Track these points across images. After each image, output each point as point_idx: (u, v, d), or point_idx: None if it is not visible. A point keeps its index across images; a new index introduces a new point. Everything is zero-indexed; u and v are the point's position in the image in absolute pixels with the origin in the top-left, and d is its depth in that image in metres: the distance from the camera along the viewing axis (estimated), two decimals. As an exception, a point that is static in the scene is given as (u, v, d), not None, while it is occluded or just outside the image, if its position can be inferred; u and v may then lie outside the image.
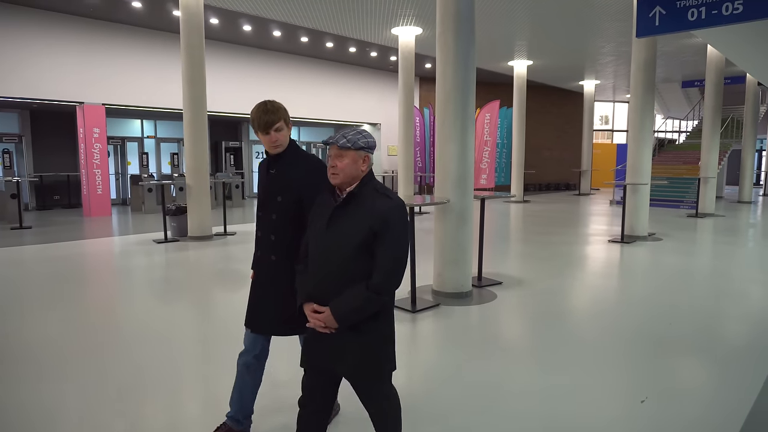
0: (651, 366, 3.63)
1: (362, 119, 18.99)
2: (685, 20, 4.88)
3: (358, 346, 1.96)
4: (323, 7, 11.11)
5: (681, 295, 5.55)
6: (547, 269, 6.79)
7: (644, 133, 9.09)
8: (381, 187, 1.99)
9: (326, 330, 1.93)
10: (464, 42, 5.05)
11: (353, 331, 1.94)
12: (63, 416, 2.91)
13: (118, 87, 12.74)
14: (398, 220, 1.93)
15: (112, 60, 12.58)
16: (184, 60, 8.84)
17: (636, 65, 9.03)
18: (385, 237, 1.89)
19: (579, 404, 3.03)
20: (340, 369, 2.01)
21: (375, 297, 1.89)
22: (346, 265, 1.91)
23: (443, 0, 5.04)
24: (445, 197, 5.07)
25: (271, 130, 2.38)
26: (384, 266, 1.89)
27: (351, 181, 1.97)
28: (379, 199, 1.93)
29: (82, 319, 4.72)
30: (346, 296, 1.90)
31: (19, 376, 3.44)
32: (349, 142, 1.92)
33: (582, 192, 21.09)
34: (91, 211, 12.75)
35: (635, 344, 4.06)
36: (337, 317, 1.90)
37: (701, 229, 10.85)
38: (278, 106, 2.41)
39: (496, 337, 4.37)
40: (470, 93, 5.13)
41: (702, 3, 4.69)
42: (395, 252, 1.91)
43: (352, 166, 1.93)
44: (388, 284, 1.91)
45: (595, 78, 20.32)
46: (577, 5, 11.08)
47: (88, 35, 12.17)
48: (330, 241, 1.95)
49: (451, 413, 2.92)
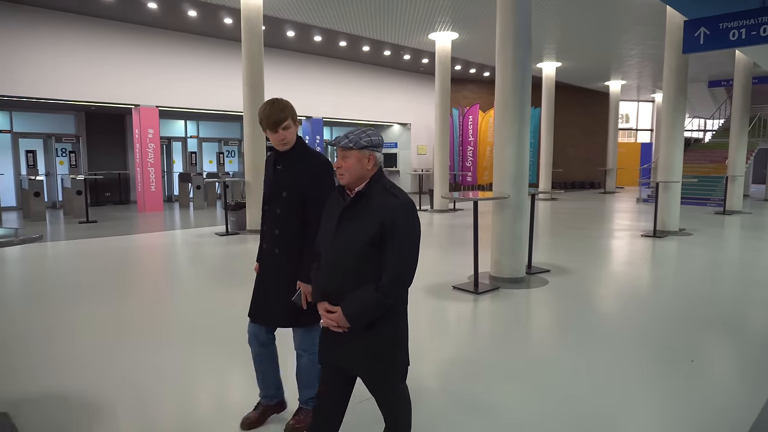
0: (690, 340, 4.22)
1: (393, 119, 19.63)
2: (726, 39, 5.47)
3: (367, 346, 1.97)
4: (368, 15, 11.78)
5: (713, 283, 6.10)
6: (589, 259, 7.37)
7: (676, 133, 9.59)
8: (390, 185, 1.99)
9: (339, 329, 1.96)
10: (522, 55, 5.66)
11: (364, 332, 1.95)
12: (185, 374, 3.61)
13: (171, 90, 13.56)
14: (405, 218, 1.91)
15: (166, 65, 13.40)
16: (245, 66, 9.58)
17: (668, 69, 9.53)
18: (393, 236, 1.88)
19: (623, 370, 3.65)
20: (351, 367, 2.04)
21: (384, 299, 1.90)
22: (357, 264, 1.93)
23: (503, 17, 5.66)
24: (505, 193, 5.70)
25: (279, 129, 2.43)
26: (391, 267, 1.89)
27: (359, 181, 1.97)
28: (387, 198, 1.93)
29: (188, 299, 5.46)
30: (357, 297, 1.91)
31: (144, 346, 4.16)
32: (351, 142, 1.93)
33: (607, 190, 21.47)
34: (145, 207, 13.61)
35: (672, 324, 4.65)
36: (349, 317, 1.92)
37: (729, 225, 11.28)
38: (286, 105, 2.46)
39: (555, 315, 4.99)
40: (526, 101, 5.75)
41: (743, 25, 5.26)
42: (402, 252, 1.90)
43: (356, 165, 1.95)
44: (396, 286, 1.91)
45: (621, 78, 20.69)
46: (605, 11, 11.58)
47: (144, 41, 13.01)
48: (340, 240, 1.97)
49: (524, 379, 3.56)
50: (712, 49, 5.81)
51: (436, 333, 4.44)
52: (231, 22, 12.35)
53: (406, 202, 1.93)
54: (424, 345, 4.00)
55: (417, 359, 3.51)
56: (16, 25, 11.14)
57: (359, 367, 2.02)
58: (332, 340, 2.03)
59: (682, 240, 9.07)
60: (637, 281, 6.31)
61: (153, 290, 5.88)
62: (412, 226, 1.93)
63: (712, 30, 5.49)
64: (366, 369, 2.01)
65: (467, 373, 3.49)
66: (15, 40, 11.15)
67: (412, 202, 1.95)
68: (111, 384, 3.24)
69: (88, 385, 3.22)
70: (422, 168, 20.35)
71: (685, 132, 26.96)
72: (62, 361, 3.65)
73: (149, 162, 13.54)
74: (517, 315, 4.92)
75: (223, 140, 18.17)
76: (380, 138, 1.99)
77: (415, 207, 1.97)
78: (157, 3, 11.17)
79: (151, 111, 13.40)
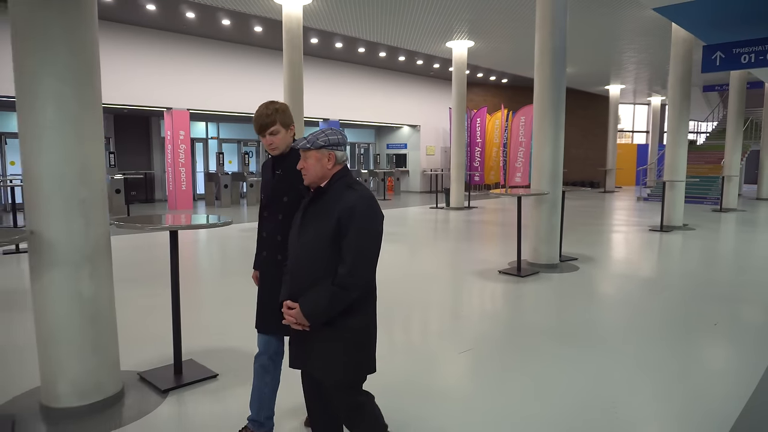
0: (709, 310, 5.11)
1: (403, 121, 20.47)
2: (738, 62, 6.44)
3: (324, 347, 1.94)
4: (391, 24, 12.61)
5: (720, 268, 7.01)
6: (608, 250, 8.26)
7: (680, 137, 10.53)
8: (353, 182, 1.99)
9: (299, 327, 1.93)
10: (558, 71, 6.53)
11: (324, 332, 1.92)
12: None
13: (201, 94, 14.31)
14: (363, 211, 1.89)
15: (197, 70, 14.15)
16: (286, 74, 10.37)
17: (674, 78, 10.46)
18: (350, 227, 1.86)
19: (649, 335, 4.53)
20: (310, 369, 2.00)
21: (340, 292, 1.85)
22: (318, 261, 1.90)
23: (542, 38, 6.51)
24: (544, 189, 6.56)
25: (266, 133, 2.41)
26: (349, 258, 1.85)
27: (320, 180, 1.98)
28: (347, 192, 1.93)
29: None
30: (314, 292, 1.88)
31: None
32: (308, 143, 1.94)
33: (607, 189, 22.46)
34: (176, 205, 14.33)
35: (691, 299, 5.54)
36: (305, 313, 1.88)
37: (727, 221, 12.25)
38: (276, 109, 2.42)
39: (593, 291, 5.84)
40: (561, 110, 6.61)
41: (752, 51, 6.25)
42: (360, 243, 1.87)
43: (316, 165, 1.95)
44: (353, 278, 1.86)
45: (620, 83, 21.69)
46: (610, 22, 12.49)
47: (179, 48, 13.75)
48: (303, 238, 1.96)
49: (583, 336, 4.42)
50: (726, 69, 6.78)
51: (501, 305, 5.27)
52: (261, 30, 13.13)
53: (364, 195, 1.92)
54: (496, 313, 4.84)
55: (494, 324, 4.36)
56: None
57: (315, 369, 1.97)
58: (297, 342, 2.01)
59: (687, 234, 9.99)
60: (655, 266, 7.20)
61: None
62: (370, 219, 1.90)
63: (727, 54, 6.46)
64: (320, 369, 1.96)
65: (539, 334, 4.34)
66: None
67: (372, 196, 1.96)
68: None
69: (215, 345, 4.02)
70: (431, 168, 21.24)
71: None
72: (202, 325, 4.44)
73: (180, 162, 14.27)
74: (561, 292, 5.77)
75: (242, 141, 18.91)
76: (340, 137, 1.99)
77: (376, 200, 1.96)
78: (194, 13, 11.91)
79: (183, 114, 14.13)
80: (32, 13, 2.63)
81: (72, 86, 2.73)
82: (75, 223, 2.79)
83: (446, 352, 3.95)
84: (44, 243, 2.75)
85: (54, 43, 2.67)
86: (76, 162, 2.78)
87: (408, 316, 4.91)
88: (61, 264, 2.77)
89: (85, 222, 2.82)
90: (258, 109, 2.42)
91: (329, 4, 10.84)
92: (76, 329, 2.84)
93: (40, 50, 2.65)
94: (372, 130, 21.92)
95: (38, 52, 2.65)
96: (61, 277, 2.78)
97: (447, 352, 3.95)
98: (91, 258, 2.86)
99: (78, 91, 2.76)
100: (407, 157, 21.32)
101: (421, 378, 3.46)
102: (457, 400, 3.14)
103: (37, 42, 2.64)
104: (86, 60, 2.79)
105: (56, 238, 2.75)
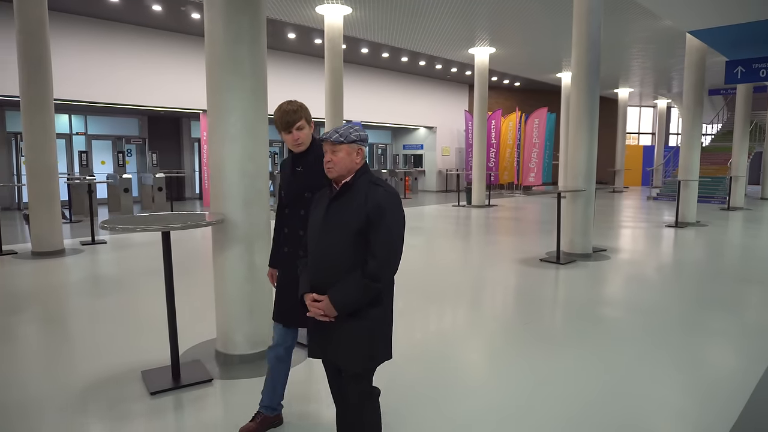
0: (729, 292, 5.89)
1: (420, 123, 21.24)
2: (757, 75, 7.30)
3: (347, 337, 2.01)
4: (418, 32, 13.40)
5: (734, 257, 7.79)
6: (632, 242, 9.04)
7: (693, 139, 11.31)
8: (376, 178, 2.06)
9: (326, 318, 1.99)
10: (593, 80, 7.30)
11: (346, 321, 1.99)
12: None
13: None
14: (393, 208, 1.98)
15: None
16: (328, 79, 11.16)
17: (687, 85, 11.23)
18: (380, 224, 1.94)
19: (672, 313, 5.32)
20: (332, 357, 2.07)
21: (371, 284, 1.94)
22: (344, 255, 1.97)
23: (578, 53, 7.29)
24: (581, 187, 7.34)
25: (293, 129, 2.47)
26: (378, 252, 1.94)
27: (347, 174, 2.04)
28: (373, 189, 2.00)
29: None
30: (344, 283, 1.95)
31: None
32: (341, 137, 2.00)
33: (616, 189, 23.25)
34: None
35: (712, 283, 6.32)
36: (336, 305, 1.95)
37: (735, 219, 13.03)
38: (299, 106, 2.49)
39: (628, 276, 6.61)
40: (595, 115, 7.39)
41: None
42: (389, 238, 1.96)
43: (346, 158, 2.01)
44: (384, 270, 1.96)
45: (629, 86, 22.49)
46: (623, 31, 13.26)
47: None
48: (327, 232, 2.02)
49: (626, 311, 5.21)
50: (746, 82, 7.59)
51: (551, 286, 6.05)
52: (294, 37, 13.90)
53: (392, 192, 2.01)
54: (547, 292, 5.61)
55: (548, 301, 5.13)
56: (103, 38, 12.62)
57: (338, 354, 2.05)
58: (319, 332, 2.08)
59: (700, 229, 10.77)
60: (677, 256, 7.98)
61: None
62: (398, 215, 2.00)
63: (747, 68, 7.27)
64: (342, 357, 2.04)
65: (584, 309, 5.12)
66: (113, 51, 12.63)
67: (397, 193, 2.04)
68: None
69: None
70: (446, 168, 22.03)
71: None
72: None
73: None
74: (600, 276, 6.54)
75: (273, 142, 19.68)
76: (366, 133, 2.08)
77: (400, 198, 2.07)
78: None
79: (218, 116, 14.88)
80: (228, 47, 3.41)
81: (251, 102, 3.50)
82: (251, 209, 3.57)
83: (513, 324, 4.73)
84: (230, 224, 3.52)
85: (242, 69, 3.45)
86: (252, 161, 3.56)
87: (476, 296, 5.69)
88: (240, 240, 3.55)
89: (258, 208, 3.60)
90: (281, 107, 2.49)
91: (365, 13, 11.61)
92: (248, 292, 3.61)
93: (232, 74, 3.43)
94: (389, 131, 22.69)
95: (231, 75, 3.43)
96: (239, 251, 3.55)
97: (513, 324, 4.73)
98: (260, 235, 3.63)
99: (254, 105, 3.53)
100: (423, 158, 22.10)
101: (496, 342, 4.24)
102: (530, 357, 3.92)
103: (231, 69, 3.42)
104: (261, 82, 3.56)
105: (238, 220, 3.53)
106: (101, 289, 5.76)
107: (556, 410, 3.01)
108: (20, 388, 3.29)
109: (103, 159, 16.09)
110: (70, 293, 5.67)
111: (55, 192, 7.72)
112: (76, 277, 6.41)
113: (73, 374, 3.47)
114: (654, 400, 3.15)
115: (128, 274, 6.50)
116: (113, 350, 3.91)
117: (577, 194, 7.43)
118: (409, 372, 3.54)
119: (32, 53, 7.27)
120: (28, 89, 7.35)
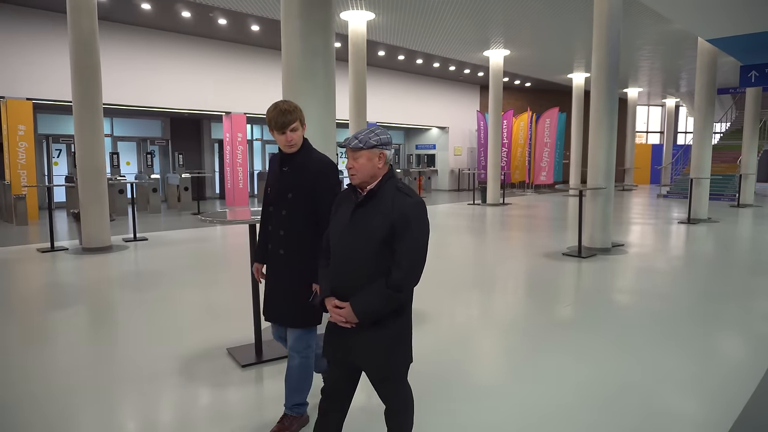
0: (740, 282, 6.30)
1: (432, 123, 21.65)
2: None
3: (371, 343, 2.01)
4: (435, 35, 13.82)
5: (746, 250, 8.19)
6: (648, 238, 9.46)
7: (705, 139, 11.69)
8: (402, 185, 2.03)
9: (347, 325, 1.99)
10: (612, 83, 7.72)
11: (371, 326, 1.98)
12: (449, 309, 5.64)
13: (257, 99, 15.52)
14: (418, 217, 1.96)
15: (254, 77, 15.38)
16: (352, 82, 11.60)
17: (699, 85, 11.61)
18: (405, 234, 1.93)
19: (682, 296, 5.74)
20: (357, 361, 2.07)
21: (393, 294, 1.93)
22: (368, 261, 1.96)
23: (599, 57, 7.72)
24: (601, 185, 7.76)
25: (287, 130, 2.47)
26: (403, 263, 1.93)
27: (370, 180, 2.01)
28: (399, 197, 1.97)
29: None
30: (367, 293, 1.94)
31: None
32: (360, 143, 1.97)
33: (627, 187, 23.59)
34: (234, 201, 15.59)
35: (726, 273, 6.73)
36: (358, 314, 1.95)
37: (745, 215, 13.40)
38: (294, 107, 2.49)
39: (648, 267, 7.02)
40: (614, 116, 7.81)
41: None
42: (415, 248, 1.95)
43: (368, 164, 1.98)
44: (408, 281, 1.95)
45: (638, 86, 22.83)
46: (635, 33, 13.62)
47: (243, 57, 15.00)
48: (351, 238, 2.00)
49: (646, 298, 5.63)
50: (760, 85, 8.01)
51: (576, 277, 6.47)
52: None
53: (417, 202, 1.99)
54: (575, 282, 6.04)
55: (577, 288, 5.56)
56: (131, 43, 13.11)
57: (364, 361, 2.05)
58: (338, 335, 2.07)
59: (712, 225, 11.16)
60: (693, 249, 8.39)
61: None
62: (423, 225, 1.98)
63: (761, 72, 7.68)
64: (371, 363, 2.04)
65: (612, 295, 5.55)
66: (140, 56, 13.12)
67: (423, 202, 2.01)
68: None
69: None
70: (459, 167, 22.44)
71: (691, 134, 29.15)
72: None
73: (238, 162, 15.52)
74: (621, 268, 6.96)
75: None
76: (388, 136, 2.02)
77: (425, 206, 2.04)
78: (259, 26, 13.14)
79: (240, 117, 15.37)
80: (306, 60, 3.86)
81: (325, 109, 3.95)
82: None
83: (554, 306, 5.17)
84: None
85: (317, 79, 3.90)
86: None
87: (511, 285, 6.13)
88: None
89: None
90: (277, 106, 2.49)
91: (387, 18, 12.04)
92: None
93: (309, 84, 3.89)
94: (401, 131, 23.11)
95: (307, 83, 3.89)
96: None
97: (555, 306, 5.17)
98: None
99: (327, 111, 3.98)
100: (436, 157, 22.52)
101: (540, 320, 4.69)
102: (569, 334, 4.37)
103: (308, 80, 3.88)
104: (331, 91, 4.01)
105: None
106: (158, 281, 6.22)
107: (599, 389, 3.45)
108: (131, 362, 3.75)
109: (128, 160, 16.58)
110: (131, 284, 6.13)
111: (104, 191, 8.19)
112: (130, 270, 6.89)
113: (170, 351, 3.93)
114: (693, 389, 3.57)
115: (176, 268, 6.98)
116: (194, 333, 4.36)
117: (596, 192, 7.85)
118: (454, 350, 3.99)
119: (85, 61, 7.74)
120: (80, 94, 7.81)
